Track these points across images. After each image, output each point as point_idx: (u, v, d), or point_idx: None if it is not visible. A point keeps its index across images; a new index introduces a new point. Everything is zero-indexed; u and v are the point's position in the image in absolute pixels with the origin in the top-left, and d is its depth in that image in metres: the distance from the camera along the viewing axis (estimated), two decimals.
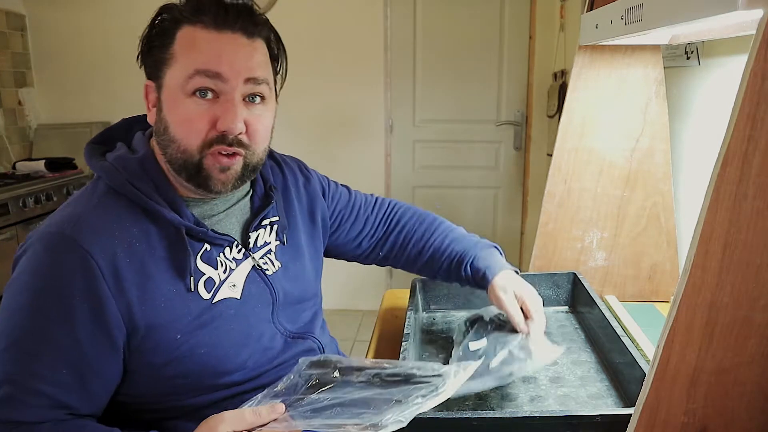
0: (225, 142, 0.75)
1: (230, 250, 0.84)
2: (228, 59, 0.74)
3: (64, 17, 3.04)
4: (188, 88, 0.74)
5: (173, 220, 0.77)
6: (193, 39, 0.75)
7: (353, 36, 3.00)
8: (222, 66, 0.74)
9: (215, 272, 0.81)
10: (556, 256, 1.26)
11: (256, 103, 0.78)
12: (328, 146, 3.11)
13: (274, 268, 0.89)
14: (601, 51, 1.18)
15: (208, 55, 0.74)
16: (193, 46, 0.74)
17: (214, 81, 0.74)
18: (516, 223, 3.22)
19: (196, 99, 0.74)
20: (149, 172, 0.79)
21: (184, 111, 0.74)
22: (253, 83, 0.76)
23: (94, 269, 0.71)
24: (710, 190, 0.46)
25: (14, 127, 2.98)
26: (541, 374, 0.93)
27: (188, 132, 0.75)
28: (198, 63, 0.73)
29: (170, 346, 0.76)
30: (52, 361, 0.70)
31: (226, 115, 0.74)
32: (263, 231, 0.89)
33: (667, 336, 0.49)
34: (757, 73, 0.43)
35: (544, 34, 2.92)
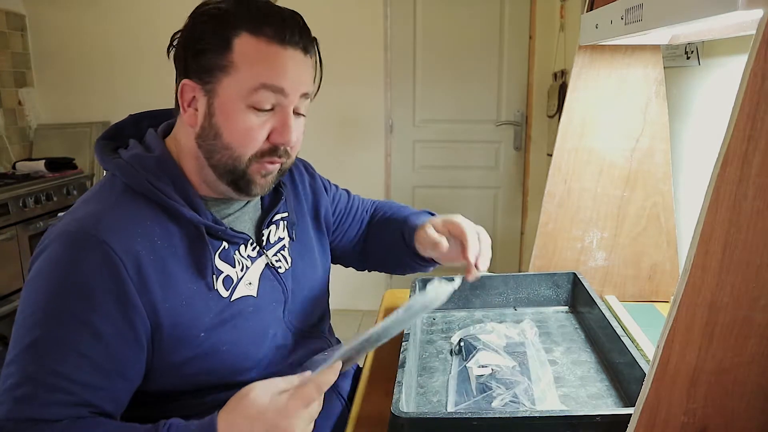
0: (276, 154, 0.78)
1: (245, 248, 0.85)
2: (291, 75, 0.76)
3: (64, 17, 3.04)
4: (251, 100, 0.75)
5: (193, 219, 0.77)
6: (258, 52, 0.74)
7: (353, 36, 3.00)
8: (287, 82, 0.75)
9: (233, 270, 0.82)
10: (556, 256, 1.26)
11: (301, 114, 0.81)
12: (328, 146, 3.11)
13: (286, 265, 0.91)
14: (601, 51, 1.18)
15: (276, 70, 0.75)
16: (259, 60, 0.74)
17: (276, 96, 0.76)
18: (516, 223, 3.22)
19: (256, 111, 0.75)
20: (167, 171, 0.79)
21: (245, 122, 0.75)
22: (305, 98, 0.80)
23: (118, 265, 0.70)
24: (710, 190, 0.46)
25: (14, 127, 2.98)
26: (541, 374, 0.93)
27: (246, 142, 0.76)
28: (265, 77, 0.74)
29: (193, 344, 0.76)
30: (74, 360, 0.69)
31: (283, 129, 0.77)
32: (275, 227, 0.91)
33: (667, 336, 0.49)
34: (757, 73, 0.43)
35: (544, 34, 2.92)
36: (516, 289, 1.18)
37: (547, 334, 1.06)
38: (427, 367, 0.96)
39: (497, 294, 1.18)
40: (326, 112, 3.08)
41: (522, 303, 1.18)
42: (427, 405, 0.86)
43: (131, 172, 0.78)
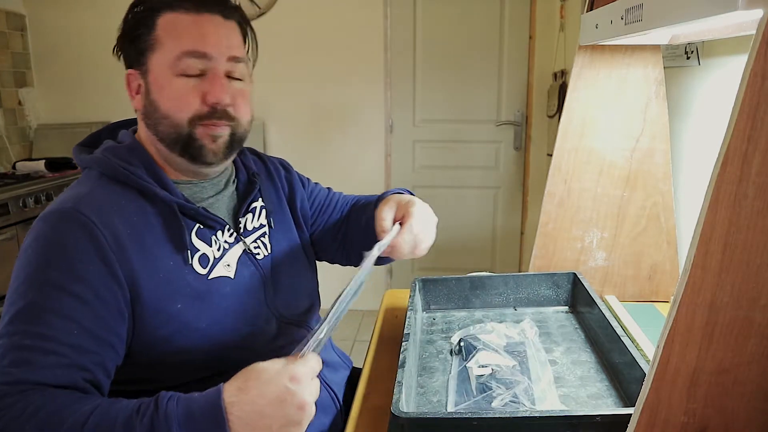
0: (215, 116, 0.81)
1: (222, 233, 0.87)
2: (212, 39, 0.80)
3: (64, 17, 3.04)
4: (177, 69, 0.79)
5: (165, 198, 0.81)
6: (176, 23, 0.80)
7: (353, 36, 3.00)
8: (207, 46, 0.80)
9: (210, 249, 0.85)
10: (556, 256, 1.26)
11: (238, 79, 0.84)
12: (329, 146, 3.11)
13: (265, 251, 0.93)
14: (601, 51, 1.18)
15: (194, 36, 0.80)
16: (177, 30, 0.80)
17: (202, 60, 0.80)
18: (516, 223, 3.22)
19: (184, 78, 0.80)
20: (138, 157, 0.84)
21: (174, 89, 0.80)
22: (234, 62, 0.83)
23: (99, 237, 0.74)
24: (710, 190, 0.46)
25: (14, 127, 2.98)
26: (541, 374, 0.93)
27: (179, 107, 0.80)
28: (185, 45, 0.79)
29: (171, 316, 0.78)
30: (62, 323, 0.70)
31: (214, 89, 0.80)
32: (251, 216, 0.94)
33: (667, 336, 0.49)
34: (757, 73, 0.43)
35: (544, 34, 2.92)
36: (516, 289, 1.18)
37: (547, 334, 1.06)
38: (427, 367, 0.96)
39: (497, 294, 1.18)
40: (326, 112, 3.08)
41: (522, 303, 1.18)
42: (427, 405, 0.86)
43: (104, 161, 0.83)
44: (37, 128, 3.08)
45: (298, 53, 3.00)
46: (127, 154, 0.83)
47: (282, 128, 3.11)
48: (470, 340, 0.99)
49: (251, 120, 0.89)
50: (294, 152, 3.11)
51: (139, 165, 0.82)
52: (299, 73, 3.03)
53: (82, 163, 0.86)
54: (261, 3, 2.93)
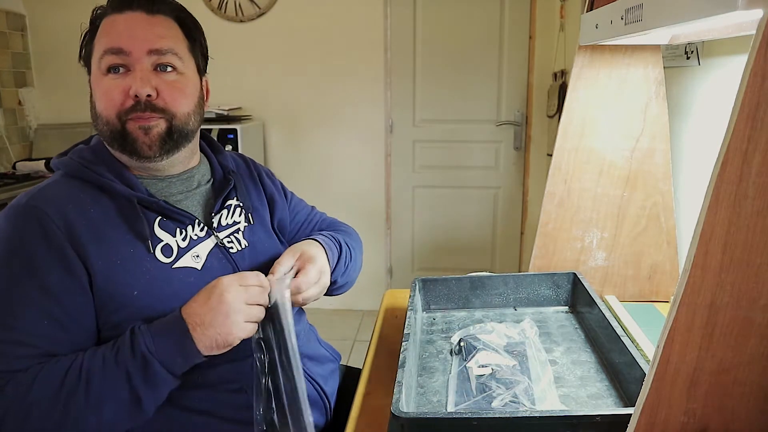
0: (138, 109, 0.82)
1: (192, 228, 0.89)
2: (128, 34, 0.82)
3: (64, 17, 3.04)
4: (102, 67, 0.82)
5: (123, 192, 0.83)
6: (104, 25, 0.84)
7: (353, 36, 3.00)
8: (123, 41, 0.82)
9: (173, 239, 0.86)
10: (556, 256, 1.26)
11: (168, 71, 0.85)
12: (329, 146, 3.11)
13: (239, 246, 0.94)
14: (601, 51, 1.18)
15: (112, 34, 0.83)
16: (103, 31, 0.84)
17: (120, 56, 0.82)
18: (516, 223, 3.22)
19: (111, 75, 0.82)
20: (100, 156, 0.87)
21: (103, 87, 0.83)
22: (158, 54, 0.84)
23: (52, 226, 0.77)
24: (710, 190, 0.46)
25: (14, 127, 2.98)
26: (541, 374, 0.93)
27: (107, 103, 0.83)
28: (105, 44, 0.82)
29: (127, 302, 0.79)
30: (30, 315, 0.74)
31: (135, 82, 0.82)
32: (226, 212, 0.96)
33: (667, 336, 0.49)
34: (757, 73, 0.43)
35: (544, 34, 2.92)
36: (516, 289, 1.18)
37: (547, 334, 1.06)
38: (427, 367, 0.96)
39: (497, 294, 1.18)
40: (326, 112, 3.08)
41: (522, 303, 1.18)
42: (427, 405, 0.86)
43: (68, 161, 0.86)
44: (37, 128, 3.08)
45: (298, 53, 3.00)
46: (90, 154, 0.87)
47: (282, 128, 3.11)
48: (470, 340, 0.99)
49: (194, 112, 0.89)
50: (294, 152, 3.11)
51: (100, 163, 0.86)
52: (299, 73, 3.03)
53: (52, 165, 0.89)
54: (261, 3, 2.93)
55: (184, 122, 0.87)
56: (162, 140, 0.84)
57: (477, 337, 0.99)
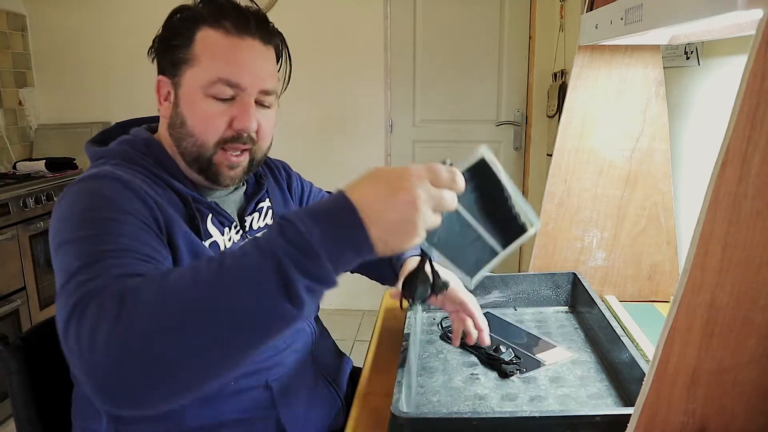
0: (240, 141, 0.82)
1: (229, 230, 0.88)
2: (248, 70, 0.80)
3: (65, 17, 3.04)
4: (209, 91, 0.79)
5: (179, 189, 0.81)
6: (215, 44, 0.79)
7: (353, 36, 3.00)
8: (243, 77, 0.79)
9: (222, 238, 0.86)
10: (556, 256, 1.26)
11: (266, 106, 0.85)
12: (329, 146, 3.11)
13: None
14: (601, 51, 1.18)
15: (232, 64, 0.79)
16: (216, 53, 0.79)
17: (234, 90, 0.80)
18: None
19: (215, 100, 0.79)
20: (153, 150, 0.84)
21: (204, 110, 0.80)
22: (265, 94, 0.83)
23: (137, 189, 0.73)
24: (710, 190, 0.46)
25: (15, 127, 2.98)
26: (541, 374, 0.93)
27: (206, 128, 0.80)
28: (221, 72, 0.78)
29: None
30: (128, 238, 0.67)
31: (243, 116, 0.80)
32: (257, 215, 0.95)
33: (667, 336, 0.49)
34: (756, 73, 0.43)
35: (544, 34, 2.92)
36: (516, 289, 1.18)
37: (547, 334, 1.06)
38: (427, 367, 0.96)
39: (497, 294, 1.18)
40: (326, 112, 3.09)
41: (522, 303, 1.18)
42: (427, 405, 0.86)
43: (121, 151, 0.83)
44: (37, 128, 3.08)
45: (298, 53, 2.98)
46: (144, 147, 0.84)
47: (282, 128, 3.10)
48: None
49: (271, 144, 0.90)
50: (294, 152, 3.10)
51: (153, 157, 0.83)
52: (299, 73, 3.01)
53: (95, 154, 0.84)
54: (261, 3, 2.93)
55: (264, 154, 0.88)
56: (244, 173, 0.85)
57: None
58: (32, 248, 2.36)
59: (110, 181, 0.73)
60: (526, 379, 0.91)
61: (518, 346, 1.01)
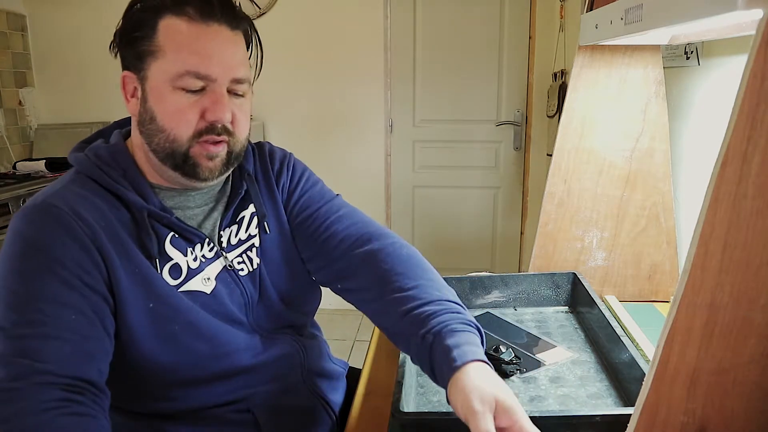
0: (214, 132, 0.77)
1: (201, 247, 0.83)
2: (217, 60, 0.76)
3: (65, 17, 3.04)
4: (178, 84, 0.75)
5: (136, 203, 0.78)
6: (179, 33, 0.75)
7: (353, 36, 3.00)
8: (212, 68, 0.75)
9: (184, 259, 0.81)
10: (556, 256, 1.26)
11: (239, 95, 0.80)
12: (329, 146, 3.11)
13: (250, 267, 0.88)
14: (601, 51, 1.18)
15: (199, 54, 0.75)
16: (181, 43, 0.75)
17: (204, 81, 0.76)
18: (516, 223, 3.22)
19: (184, 92, 0.76)
20: (119, 160, 0.81)
21: (173, 103, 0.76)
22: (237, 83, 0.79)
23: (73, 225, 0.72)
24: (710, 190, 0.46)
25: (15, 127, 2.98)
26: (541, 374, 0.93)
27: (178, 123, 0.76)
28: (188, 64, 0.75)
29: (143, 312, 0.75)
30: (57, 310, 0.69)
31: (216, 107, 0.76)
32: (236, 227, 0.88)
33: (666, 336, 0.49)
34: (756, 73, 0.43)
35: (544, 34, 2.92)
36: (516, 289, 1.18)
37: (547, 334, 1.06)
38: None
39: (497, 294, 1.18)
40: (326, 112, 3.09)
41: (522, 303, 1.18)
42: (427, 405, 0.86)
43: (84, 160, 0.80)
44: (37, 128, 3.08)
45: (298, 53, 3.00)
46: (108, 156, 0.81)
47: (282, 128, 3.11)
48: None
49: (249, 135, 0.85)
50: (294, 152, 3.10)
51: (119, 169, 0.80)
52: (299, 73, 3.03)
53: (69, 160, 0.83)
54: (261, 3, 2.93)
55: (243, 146, 0.83)
56: (223, 166, 0.80)
57: None
58: None
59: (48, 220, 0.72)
60: (526, 379, 0.91)
61: (518, 346, 1.01)
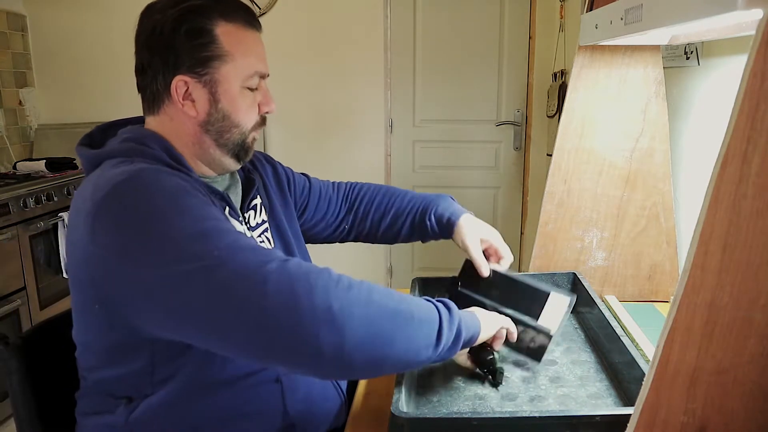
0: (264, 122, 0.91)
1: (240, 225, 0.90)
2: (265, 60, 0.88)
3: (65, 17, 3.04)
4: (247, 83, 0.85)
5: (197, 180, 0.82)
6: (241, 39, 0.84)
7: (353, 36, 3.00)
8: (266, 67, 0.89)
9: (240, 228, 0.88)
10: (556, 256, 1.26)
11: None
12: (328, 146, 3.11)
13: (270, 246, 0.96)
14: (601, 51, 1.18)
15: (259, 57, 0.87)
16: (248, 48, 0.84)
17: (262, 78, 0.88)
18: (516, 223, 3.22)
19: (249, 91, 0.86)
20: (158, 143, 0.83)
21: (244, 101, 0.85)
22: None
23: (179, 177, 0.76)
24: (710, 190, 0.46)
25: (15, 127, 2.98)
26: (541, 374, 0.93)
27: (250, 117, 0.87)
28: (256, 66, 0.85)
29: None
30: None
31: (269, 101, 0.90)
32: (253, 212, 0.96)
33: (667, 336, 0.49)
34: (756, 73, 0.43)
35: (544, 34, 2.92)
36: None
37: None
38: (427, 367, 0.96)
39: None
40: (326, 112, 3.09)
41: None
42: (427, 405, 0.86)
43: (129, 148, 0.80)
44: (37, 128, 3.08)
45: (298, 53, 3.00)
46: (153, 141, 0.82)
47: (282, 128, 3.11)
48: None
49: None
50: (294, 152, 3.11)
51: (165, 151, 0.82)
52: (299, 73, 3.03)
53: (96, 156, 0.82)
54: (261, 3, 2.92)
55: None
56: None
57: None
58: (32, 248, 2.36)
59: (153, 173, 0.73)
60: (526, 379, 0.91)
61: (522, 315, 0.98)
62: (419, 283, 1.16)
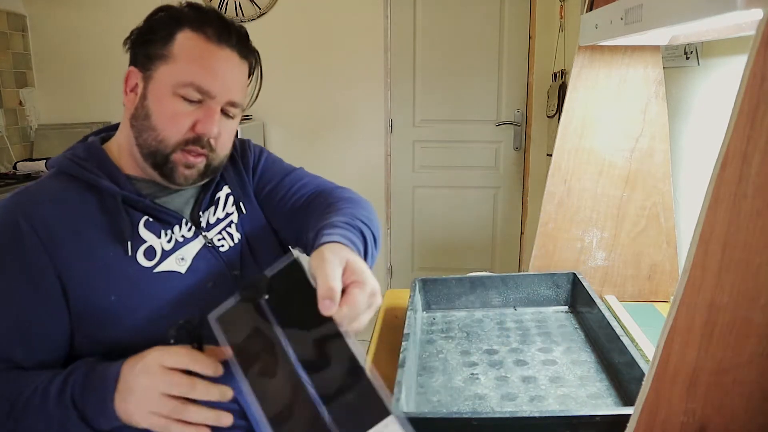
0: (199, 144, 0.83)
1: (180, 228, 0.87)
2: (221, 79, 0.82)
3: (65, 17, 3.04)
4: (179, 91, 0.81)
5: (109, 189, 0.82)
6: (194, 47, 0.81)
7: (353, 36, 3.00)
8: (214, 86, 0.81)
9: (158, 241, 0.84)
10: (556, 256, 1.26)
11: (230, 116, 0.87)
12: (328, 146, 3.11)
13: (232, 242, 0.92)
14: (601, 51, 1.18)
15: (206, 70, 0.81)
16: (194, 56, 0.81)
17: (203, 95, 0.82)
18: (516, 223, 3.22)
19: (182, 100, 0.81)
20: (93, 153, 0.86)
21: (170, 107, 0.81)
22: (231, 105, 0.85)
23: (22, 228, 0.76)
24: (710, 190, 0.46)
25: (15, 127, 2.98)
26: (540, 374, 0.93)
27: (169, 126, 0.81)
28: (195, 76, 0.80)
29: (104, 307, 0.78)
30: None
31: (207, 121, 0.82)
32: (214, 208, 0.93)
33: (666, 336, 0.49)
34: (756, 74, 0.43)
35: (544, 34, 2.92)
36: (516, 289, 1.18)
37: (547, 334, 1.06)
38: (427, 367, 0.96)
39: (497, 294, 1.18)
40: (326, 112, 3.09)
41: (522, 303, 1.18)
42: (427, 405, 0.86)
43: (60, 159, 0.85)
44: (37, 128, 3.08)
45: (298, 53, 3.00)
46: (83, 151, 0.86)
47: (282, 128, 3.11)
48: None
49: (229, 152, 0.91)
50: (294, 152, 3.11)
51: (91, 160, 0.84)
52: (299, 74, 3.03)
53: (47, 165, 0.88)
54: (261, 3, 2.93)
55: (221, 162, 0.89)
56: (199, 176, 0.86)
57: None
58: None
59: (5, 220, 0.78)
60: (526, 379, 0.91)
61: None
62: (419, 284, 1.16)
